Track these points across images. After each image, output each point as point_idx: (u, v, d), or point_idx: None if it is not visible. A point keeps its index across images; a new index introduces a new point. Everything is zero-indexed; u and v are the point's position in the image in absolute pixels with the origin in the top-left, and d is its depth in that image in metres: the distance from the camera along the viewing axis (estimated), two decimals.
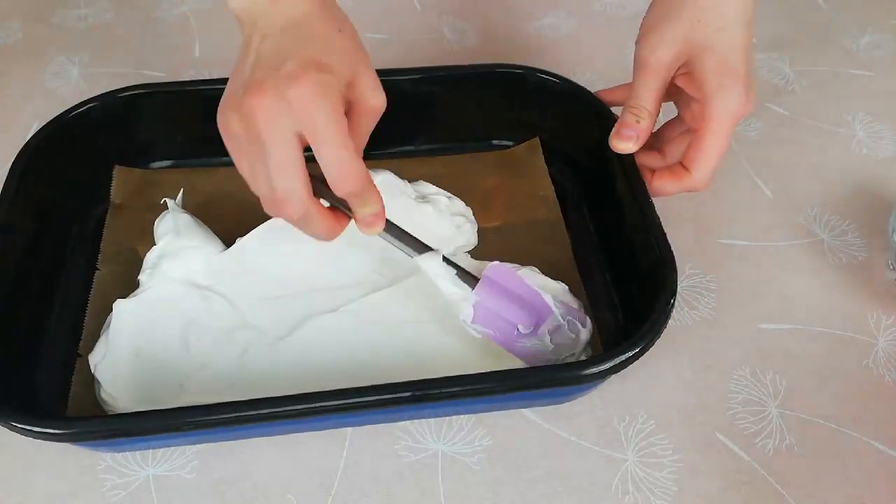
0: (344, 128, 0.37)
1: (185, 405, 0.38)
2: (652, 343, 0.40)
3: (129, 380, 0.44)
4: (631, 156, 0.48)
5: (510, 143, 0.59)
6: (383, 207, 0.40)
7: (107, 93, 0.52)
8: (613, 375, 0.40)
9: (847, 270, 0.53)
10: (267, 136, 0.36)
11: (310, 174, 0.37)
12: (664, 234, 0.45)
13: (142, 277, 0.47)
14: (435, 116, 0.57)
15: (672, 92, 0.47)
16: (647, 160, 0.50)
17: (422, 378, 0.39)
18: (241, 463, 0.43)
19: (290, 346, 0.45)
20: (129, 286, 0.48)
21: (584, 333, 0.46)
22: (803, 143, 0.62)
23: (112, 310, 0.46)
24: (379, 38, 0.69)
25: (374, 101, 0.40)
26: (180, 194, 0.51)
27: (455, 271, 0.45)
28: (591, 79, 0.66)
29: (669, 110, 0.50)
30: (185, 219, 0.49)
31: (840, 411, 0.46)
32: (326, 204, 0.40)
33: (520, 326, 0.45)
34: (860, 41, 0.71)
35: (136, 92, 0.52)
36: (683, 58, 0.45)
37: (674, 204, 0.56)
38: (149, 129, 0.54)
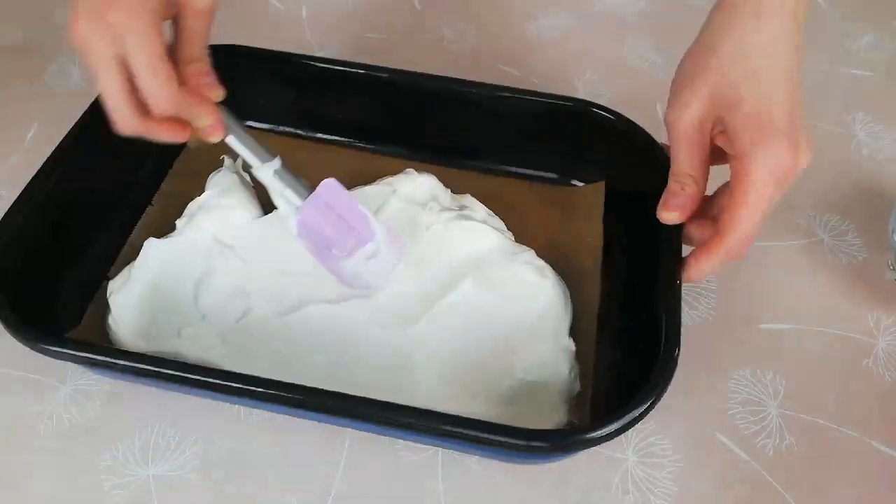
0: (154, 52, 0.38)
1: (175, 351, 0.44)
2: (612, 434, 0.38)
3: (135, 313, 0.46)
4: (678, 229, 0.44)
5: (572, 180, 0.56)
6: (218, 119, 0.42)
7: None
8: None
9: (847, 270, 0.53)
10: (93, 62, 0.38)
11: None
12: (678, 329, 0.41)
13: (178, 222, 0.50)
14: (502, 135, 0.55)
15: (718, 154, 0.42)
16: (697, 231, 0.43)
17: (391, 402, 0.38)
18: (242, 463, 0.43)
19: (284, 324, 0.46)
20: (172, 228, 0.50)
21: (401, 254, 0.47)
22: None
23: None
24: (379, 38, 0.69)
25: (198, 2, 0.41)
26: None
27: (286, 186, 0.45)
28: (591, 79, 0.66)
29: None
30: (234, 179, 0.51)
31: (840, 411, 0.46)
32: None
33: (335, 250, 0.45)
34: (860, 41, 0.71)
35: (242, 51, 0.55)
36: (713, 116, 0.41)
37: None
38: (249, 90, 0.55)
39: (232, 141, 0.44)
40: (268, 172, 0.45)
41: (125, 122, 0.40)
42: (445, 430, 0.37)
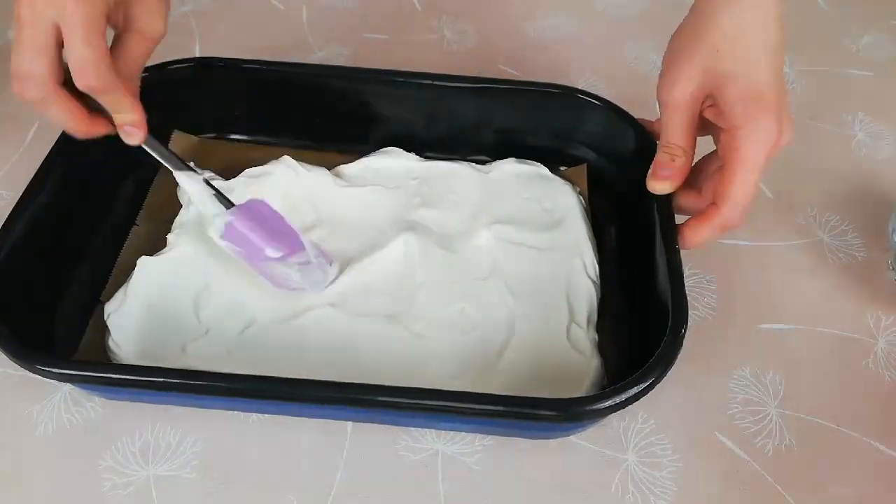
0: (94, 26, 0.37)
1: (183, 367, 0.42)
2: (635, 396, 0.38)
3: (136, 333, 0.45)
4: (668, 198, 0.46)
5: (560, 167, 0.57)
6: (142, 119, 0.42)
7: (173, 63, 0.54)
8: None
9: (847, 270, 0.53)
10: (23, 16, 0.37)
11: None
12: (684, 294, 0.42)
13: (169, 237, 0.49)
14: (482, 127, 0.56)
15: (704, 126, 0.45)
16: (685, 200, 0.46)
17: (401, 386, 0.39)
18: (242, 463, 0.43)
19: (289, 330, 0.46)
20: (161, 244, 0.50)
21: (332, 271, 0.48)
22: (803, 143, 0.62)
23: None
24: (379, 38, 0.69)
25: (150, 26, 0.41)
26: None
27: (213, 192, 0.46)
28: (591, 80, 0.66)
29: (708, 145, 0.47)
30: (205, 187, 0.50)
31: (840, 411, 0.46)
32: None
33: (268, 250, 0.45)
34: (860, 41, 0.71)
35: (208, 65, 0.55)
36: (706, 90, 0.43)
37: None
38: (213, 104, 0.56)
39: (152, 145, 0.44)
40: (195, 179, 0.45)
41: (33, 83, 0.38)
42: (458, 407, 0.38)
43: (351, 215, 0.52)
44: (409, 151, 0.55)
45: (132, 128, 0.42)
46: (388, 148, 0.55)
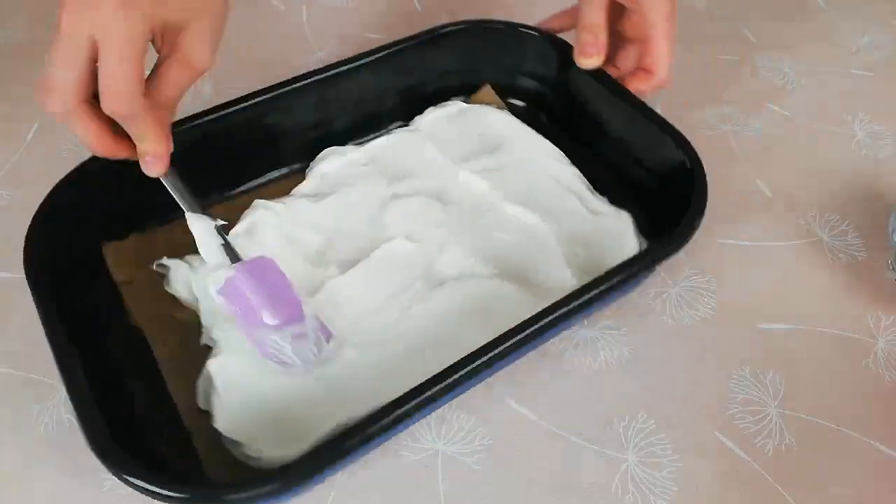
0: (132, 47, 0.36)
1: (323, 427, 0.41)
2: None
3: (265, 430, 0.42)
4: (599, 69, 0.54)
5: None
6: (166, 153, 0.40)
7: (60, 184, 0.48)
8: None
9: (847, 270, 0.53)
10: (63, 25, 0.36)
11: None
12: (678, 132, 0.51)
13: (216, 335, 0.45)
14: (386, 96, 0.58)
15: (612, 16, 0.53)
16: (616, 72, 0.56)
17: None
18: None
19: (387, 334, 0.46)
20: (193, 350, 0.46)
21: (327, 350, 0.44)
22: (803, 143, 0.62)
23: (199, 374, 0.44)
24: (379, 39, 0.69)
25: (195, 55, 0.39)
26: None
27: (222, 242, 0.44)
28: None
29: None
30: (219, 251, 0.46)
31: (840, 411, 0.46)
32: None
33: (264, 314, 0.43)
34: (860, 41, 0.71)
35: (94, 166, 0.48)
36: None
37: None
38: (119, 199, 0.49)
39: (171, 181, 0.42)
40: (206, 223, 0.44)
41: (58, 95, 0.36)
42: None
43: (343, 222, 0.51)
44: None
45: (153, 158, 0.40)
46: (323, 152, 0.55)
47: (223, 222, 0.45)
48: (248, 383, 0.43)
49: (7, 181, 0.56)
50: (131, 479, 0.35)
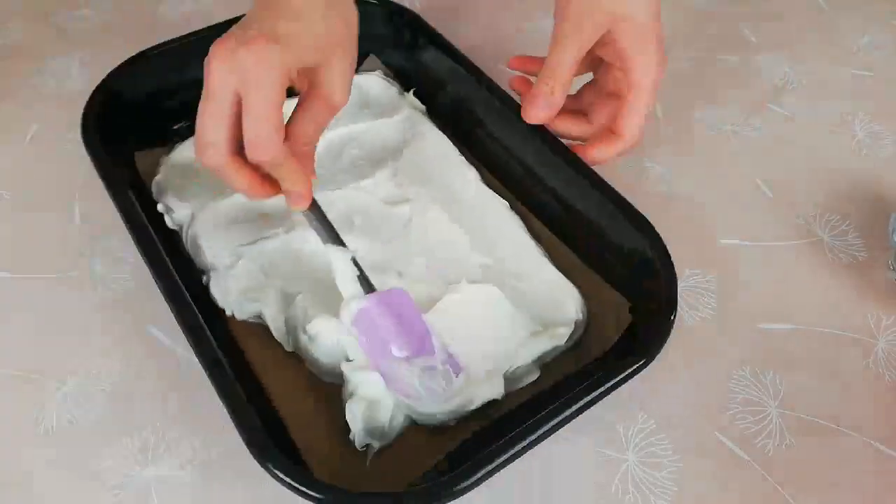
0: (270, 102, 0.38)
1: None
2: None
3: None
4: (544, 129, 0.50)
5: None
6: (308, 190, 0.42)
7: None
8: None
9: (847, 270, 0.53)
10: (209, 86, 0.38)
11: None
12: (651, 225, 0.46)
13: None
14: None
15: (590, 61, 0.51)
16: (575, 128, 0.52)
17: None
18: (243, 463, 0.43)
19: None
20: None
21: (456, 383, 0.43)
22: (803, 143, 0.62)
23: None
24: None
25: (333, 94, 0.41)
26: None
27: (357, 273, 0.45)
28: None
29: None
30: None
31: (840, 411, 0.46)
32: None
33: (394, 347, 0.43)
34: (860, 41, 0.71)
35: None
36: (602, 30, 0.47)
37: (673, 204, 0.56)
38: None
39: (311, 213, 0.44)
40: (344, 255, 0.45)
41: (213, 151, 0.39)
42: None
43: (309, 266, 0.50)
44: None
45: (297, 196, 0.42)
46: None
47: (359, 254, 0.46)
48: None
49: (7, 181, 0.56)
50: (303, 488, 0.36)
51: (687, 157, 0.60)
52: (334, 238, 0.45)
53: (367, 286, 0.45)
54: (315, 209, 0.44)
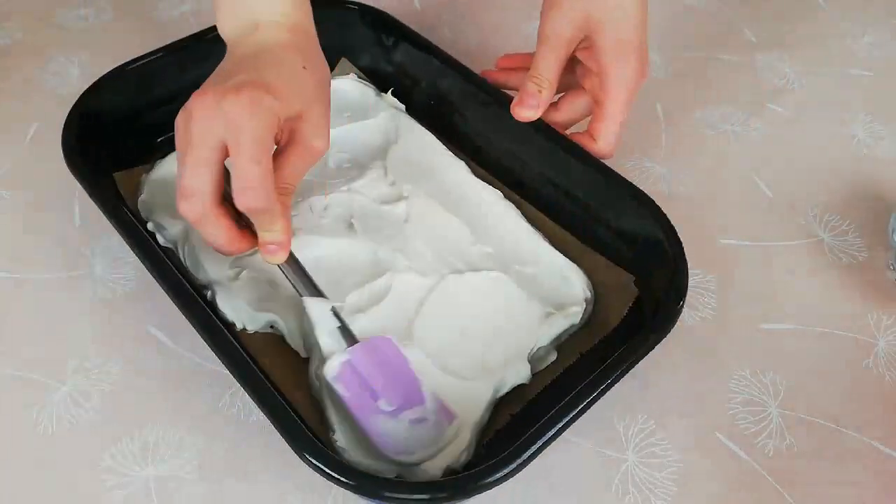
0: (263, 146, 0.38)
1: None
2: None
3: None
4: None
5: None
6: (289, 240, 0.41)
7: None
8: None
9: (847, 270, 0.53)
10: (193, 134, 0.38)
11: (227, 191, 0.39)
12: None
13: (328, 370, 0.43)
14: None
15: (572, 64, 0.51)
16: (546, 114, 0.51)
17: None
18: (241, 463, 0.43)
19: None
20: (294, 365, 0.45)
21: (450, 432, 0.41)
22: (803, 143, 0.62)
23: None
24: None
25: (316, 141, 0.41)
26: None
27: (338, 324, 0.43)
28: None
29: None
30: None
31: (840, 411, 0.46)
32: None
33: (381, 401, 0.41)
34: (860, 41, 0.71)
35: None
36: (583, 33, 0.48)
37: (673, 204, 0.56)
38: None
39: (290, 267, 0.43)
40: (322, 307, 0.43)
41: (194, 200, 0.38)
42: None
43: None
44: None
45: (276, 247, 0.41)
46: None
47: (338, 304, 0.45)
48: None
49: (7, 181, 0.56)
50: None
51: (687, 157, 0.60)
52: (312, 289, 0.44)
53: (349, 338, 0.43)
54: (292, 261, 0.43)
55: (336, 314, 0.44)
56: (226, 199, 0.40)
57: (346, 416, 0.42)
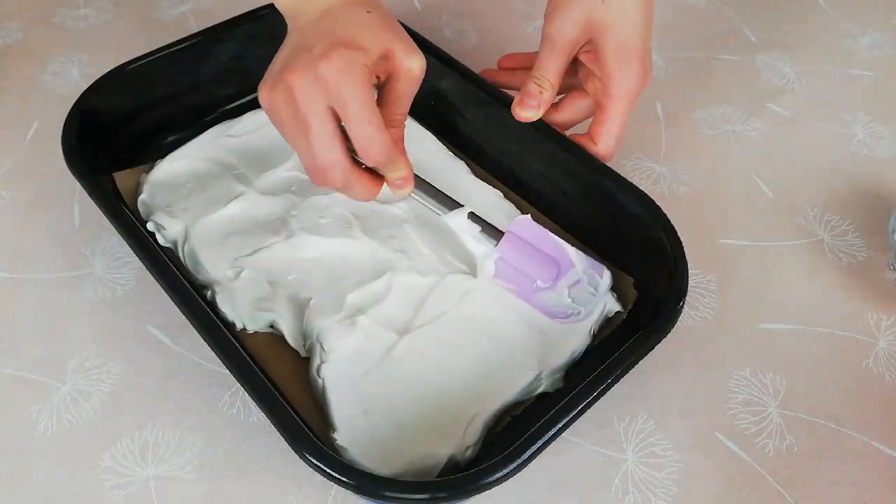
0: (367, 103, 0.39)
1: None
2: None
3: (371, 439, 0.41)
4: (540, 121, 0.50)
5: None
6: (412, 171, 0.43)
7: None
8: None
9: (847, 270, 0.53)
10: (305, 112, 0.39)
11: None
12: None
13: (325, 367, 0.43)
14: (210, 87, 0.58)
15: (574, 66, 0.51)
16: (547, 115, 0.51)
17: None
18: (242, 463, 0.43)
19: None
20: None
21: (603, 286, 0.47)
22: (803, 143, 0.62)
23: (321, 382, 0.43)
24: None
25: (410, 64, 0.42)
26: None
27: (479, 228, 0.47)
28: None
29: None
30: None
31: (840, 411, 0.46)
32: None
33: (538, 281, 0.46)
34: (860, 41, 0.71)
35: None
36: (587, 36, 0.48)
37: (673, 204, 0.56)
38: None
39: (419, 192, 0.45)
40: (460, 217, 0.46)
41: (335, 171, 0.40)
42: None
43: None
44: None
45: (403, 181, 0.43)
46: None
47: (472, 211, 0.47)
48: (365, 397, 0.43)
49: (7, 181, 0.56)
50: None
51: (687, 157, 0.60)
52: (449, 204, 0.46)
53: (495, 234, 0.47)
54: (419, 186, 0.45)
55: (474, 219, 0.47)
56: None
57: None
